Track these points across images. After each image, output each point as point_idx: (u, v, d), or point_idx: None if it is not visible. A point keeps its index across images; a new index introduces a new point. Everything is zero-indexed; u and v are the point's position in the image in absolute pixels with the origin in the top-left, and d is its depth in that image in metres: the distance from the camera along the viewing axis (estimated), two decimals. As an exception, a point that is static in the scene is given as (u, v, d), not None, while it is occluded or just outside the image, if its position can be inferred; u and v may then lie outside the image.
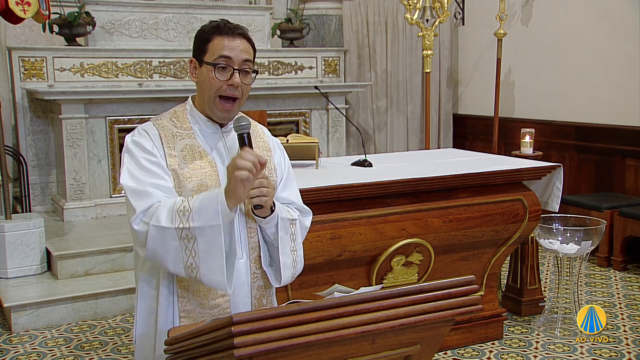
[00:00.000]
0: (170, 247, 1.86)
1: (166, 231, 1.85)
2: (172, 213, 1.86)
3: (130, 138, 2.01)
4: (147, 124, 2.05)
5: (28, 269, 4.57)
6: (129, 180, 1.93)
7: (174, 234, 1.85)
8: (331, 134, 6.70)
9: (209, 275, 1.87)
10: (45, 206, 5.82)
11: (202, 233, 1.84)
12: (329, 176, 3.40)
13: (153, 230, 1.85)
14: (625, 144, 5.43)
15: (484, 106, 6.90)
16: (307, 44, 7.17)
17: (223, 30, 1.98)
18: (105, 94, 5.54)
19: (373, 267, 3.35)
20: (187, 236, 1.85)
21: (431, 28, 5.85)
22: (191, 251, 1.86)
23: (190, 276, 1.89)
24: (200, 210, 1.84)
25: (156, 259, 1.90)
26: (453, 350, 3.71)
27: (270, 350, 1.40)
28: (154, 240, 1.86)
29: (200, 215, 1.84)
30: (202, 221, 1.84)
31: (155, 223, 1.85)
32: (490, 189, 3.61)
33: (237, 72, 1.97)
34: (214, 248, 1.85)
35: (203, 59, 1.99)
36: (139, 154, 1.96)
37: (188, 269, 1.87)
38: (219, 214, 1.83)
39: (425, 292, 1.59)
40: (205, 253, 1.85)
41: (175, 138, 2.00)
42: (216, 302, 2.01)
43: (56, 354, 3.80)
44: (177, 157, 1.97)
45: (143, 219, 1.88)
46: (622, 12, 5.45)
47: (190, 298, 1.99)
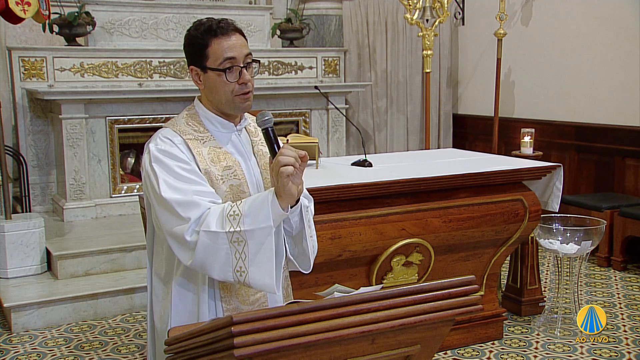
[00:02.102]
0: (220, 252, 1.84)
1: (217, 236, 1.83)
2: (222, 218, 1.85)
3: (155, 147, 1.96)
4: (167, 131, 2.01)
5: (28, 269, 4.57)
6: (170, 192, 1.88)
7: (224, 238, 1.83)
8: (331, 134, 6.70)
9: (257, 278, 1.86)
10: (45, 206, 5.82)
11: (253, 236, 1.83)
12: (329, 176, 3.40)
13: (204, 236, 1.83)
14: (625, 144, 5.43)
15: (484, 106, 6.90)
16: (307, 44, 7.17)
17: (217, 32, 1.96)
18: (105, 94, 5.54)
19: (373, 267, 3.35)
20: (237, 239, 1.84)
21: (431, 28, 5.85)
22: (241, 254, 1.85)
23: (238, 280, 1.87)
24: (250, 213, 1.84)
25: (204, 265, 1.87)
26: (453, 350, 3.71)
27: (270, 350, 1.40)
28: (204, 247, 1.84)
29: (251, 218, 1.83)
30: (253, 224, 1.83)
31: (205, 229, 1.84)
32: (490, 189, 3.61)
33: (243, 69, 1.98)
34: (264, 250, 1.85)
35: (206, 65, 1.97)
36: (172, 162, 1.93)
37: (237, 272, 1.86)
38: (269, 215, 1.83)
39: (425, 292, 1.59)
40: (255, 256, 1.85)
41: (199, 141, 2.00)
42: (256, 297, 2.05)
43: (56, 354, 3.80)
44: (206, 159, 1.97)
45: (195, 228, 1.86)
46: (622, 12, 5.45)
47: (232, 297, 2.01)
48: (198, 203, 1.87)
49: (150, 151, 1.96)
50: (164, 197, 1.88)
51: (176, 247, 1.90)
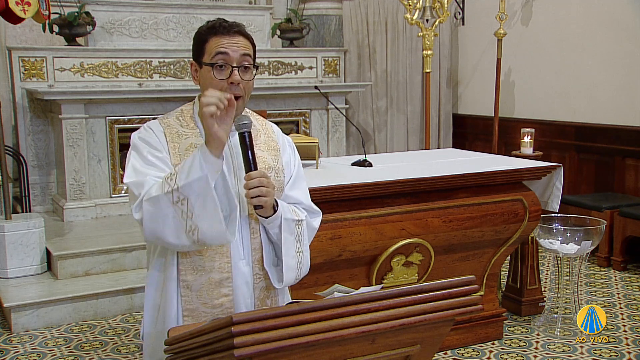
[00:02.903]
0: (167, 217, 1.83)
1: (158, 200, 1.82)
2: (161, 183, 1.85)
3: (137, 135, 2.01)
4: (153, 122, 2.05)
5: (28, 269, 4.57)
6: (131, 177, 1.91)
7: (165, 200, 1.82)
8: (331, 134, 6.70)
9: (208, 230, 1.83)
10: (45, 206, 5.82)
11: (191, 189, 1.80)
12: (329, 176, 3.40)
13: (147, 205, 1.84)
14: (625, 144, 5.43)
15: (484, 106, 6.90)
16: (307, 44, 7.17)
17: (219, 30, 1.96)
18: (105, 94, 5.54)
19: (373, 267, 3.35)
20: (178, 198, 1.81)
21: (431, 28, 5.85)
22: (187, 213, 1.82)
23: (193, 241, 1.85)
24: (183, 169, 1.83)
25: (156, 234, 1.86)
26: (453, 350, 3.71)
27: (270, 350, 1.40)
28: (149, 215, 1.84)
29: (184, 173, 1.81)
30: (188, 178, 1.81)
31: (147, 197, 1.84)
32: (490, 189, 3.61)
33: (236, 69, 1.94)
34: (206, 201, 1.82)
35: (202, 60, 1.98)
36: (145, 148, 1.96)
37: (189, 233, 1.84)
38: (202, 165, 1.80)
39: (425, 292, 1.59)
40: (200, 210, 1.82)
41: (180, 137, 1.99)
42: (219, 301, 1.99)
43: (56, 354, 3.80)
44: (182, 155, 1.96)
45: (141, 204, 1.87)
46: (622, 12, 5.45)
47: (194, 297, 1.98)
48: (149, 182, 1.88)
49: (131, 139, 2.01)
50: (125, 182, 1.93)
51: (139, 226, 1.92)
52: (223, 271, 1.98)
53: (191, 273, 1.97)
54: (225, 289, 1.99)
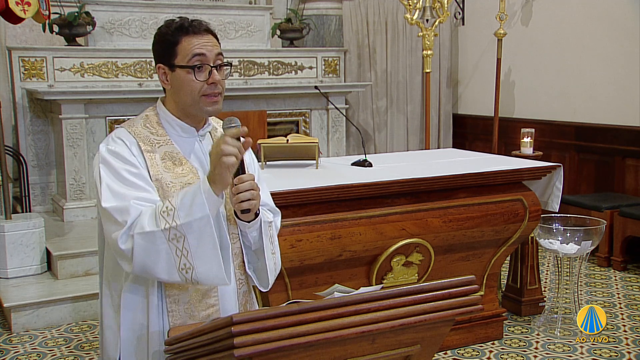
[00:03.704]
0: (160, 253, 1.75)
1: (153, 235, 1.74)
2: (155, 216, 1.76)
3: (105, 147, 1.87)
4: (121, 131, 1.92)
5: (28, 269, 4.57)
6: (110, 201, 1.79)
7: (161, 236, 1.74)
8: (331, 134, 6.70)
9: (205, 272, 1.78)
10: (45, 206, 5.82)
11: (190, 229, 1.74)
12: (329, 176, 3.40)
13: (139, 239, 1.74)
14: (625, 144, 5.43)
15: (484, 106, 6.90)
16: (307, 44, 7.17)
17: (189, 30, 1.90)
18: (105, 94, 5.53)
19: (373, 267, 3.35)
20: (175, 236, 1.75)
21: (431, 28, 5.84)
22: (182, 251, 1.76)
23: (186, 279, 1.79)
24: (184, 205, 1.75)
25: (146, 269, 1.78)
26: (453, 350, 3.71)
27: (270, 350, 1.40)
28: (141, 249, 1.74)
29: (185, 211, 1.74)
30: (189, 216, 1.74)
31: (139, 231, 1.74)
32: (490, 189, 3.61)
33: (214, 69, 1.90)
34: (205, 242, 1.76)
35: (174, 62, 1.90)
36: (118, 165, 1.84)
37: (182, 271, 1.77)
38: (205, 204, 1.74)
39: (425, 292, 1.59)
40: (197, 249, 1.76)
41: (153, 145, 1.91)
42: (207, 312, 1.95)
43: (56, 354, 3.80)
44: (160, 166, 1.89)
45: (129, 233, 1.76)
46: (622, 12, 5.45)
47: (181, 312, 1.92)
48: (134, 208, 1.78)
49: (100, 152, 1.88)
50: (104, 206, 1.79)
51: (116, 255, 1.82)
52: None
53: (177, 287, 1.91)
54: (211, 299, 1.95)
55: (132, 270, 1.80)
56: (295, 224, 3.06)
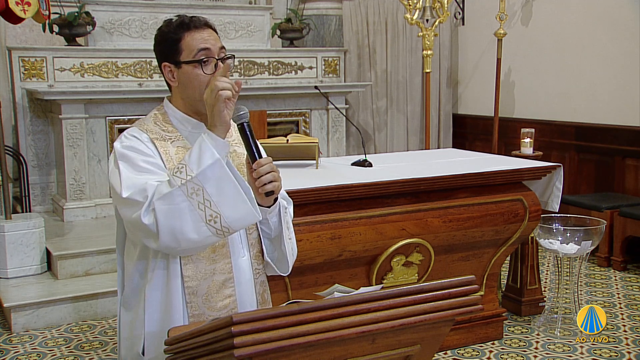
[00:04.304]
0: (183, 212, 1.75)
1: (171, 195, 1.74)
2: (167, 181, 1.79)
3: (120, 145, 1.91)
4: (133, 130, 1.96)
5: (28, 269, 4.57)
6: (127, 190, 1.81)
7: (179, 194, 1.74)
8: (331, 134, 6.70)
9: (233, 214, 1.77)
10: (45, 206, 5.82)
11: (205, 177, 1.75)
12: (329, 176, 3.40)
13: (159, 204, 1.75)
14: (625, 144, 5.43)
15: (484, 106, 6.90)
16: (307, 44, 7.17)
17: (190, 26, 1.95)
18: (105, 94, 5.53)
19: (373, 267, 3.35)
20: (193, 189, 1.75)
21: (431, 28, 5.84)
22: (204, 203, 1.75)
23: (216, 230, 1.78)
24: (192, 158, 1.77)
25: (174, 235, 1.76)
26: (453, 350, 3.71)
27: (270, 350, 1.40)
28: (163, 215, 1.74)
29: (196, 162, 1.76)
30: (200, 165, 1.76)
31: (158, 197, 1.76)
32: (490, 189, 3.61)
33: (219, 62, 1.95)
34: (224, 186, 1.77)
35: (180, 59, 1.94)
36: (136, 155, 1.88)
37: (210, 222, 1.76)
38: (212, 150, 1.77)
39: (425, 292, 1.59)
40: (218, 196, 1.76)
41: (166, 141, 1.95)
42: (224, 303, 1.98)
43: (56, 354, 3.80)
44: (174, 159, 1.92)
45: (148, 207, 1.77)
46: (622, 12, 5.45)
47: (200, 302, 1.95)
48: (151, 185, 1.80)
49: (115, 149, 1.91)
50: (124, 197, 1.81)
51: (142, 235, 1.83)
52: (225, 272, 1.98)
53: (195, 279, 1.94)
54: (228, 289, 1.98)
55: (161, 243, 1.78)
56: (295, 224, 3.02)
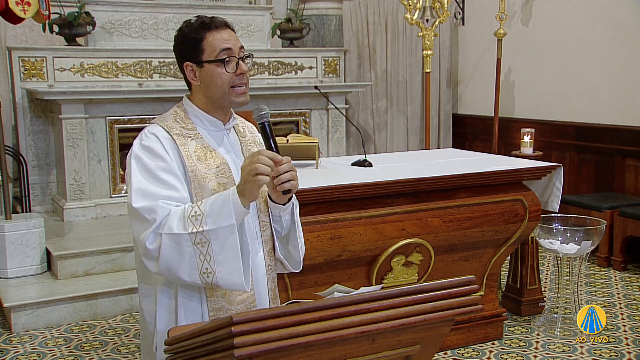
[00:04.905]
0: (184, 255, 1.83)
1: (180, 238, 1.82)
2: (183, 219, 1.83)
3: (139, 143, 1.96)
4: (154, 127, 2.00)
5: (28, 269, 4.57)
6: (139, 201, 1.86)
7: (187, 239, 1.82)
8: (331, 134, 6.70)
9: (226, 277, 1.85)
10: (45, 206, 5.82)
11: (216, 235, 1.82)
12: (329, 176, 3.40)
13: (166, 239, 1.82)
14: (625, 144, 5.43)
15: (484, 106, 6.90)
16: (307, 44, 7.17)
17: (211, 26, 2.00)
18: (105, 94, 5.54)
19: (373, 267, 3.35)
20: (200, 240, 1.83)
21: (431, 28, 5.84)
22: (205, 256, 1.83)
23: (206, 282, 1.86)
24: (212, 212, 1.83)
25: (170, 270, 1.86)
26: (453, 350, 3.71)
27: (270, 350, 1.40)
28: (167, 249, 1.83)
29: (213, 218, 1.83)
30: (215, 223, 1.82)
31: (167, 231, 1.82)
32: (490, 189, 3.61)
33: (240, 61, 1.99)
34: (228, 249, 1.84)
35: (202, 59, 1.98)
36: (150, 161, 1.91)
37: (203, 274, 1.85)
38: (232, 214, 1.83)
39: (425, 292, 1.59)
40: (219, 255, 1.84)
41: (186, 138, 1.98)
42: (243, 297, 2.02)
43: (56, 354, 3.80)
44: (193, 157, 1.96)
45: (157, 231, 1.84)
46: (622, 12, 5.45)
47: (219, 298, 1.99)
48: (162, 207, 1.85)
49: (133, 148, 1.96)
50: (134, 207, 1.86)
51: (142, 254, 1.88)
52: None
53: None
54: None
55: (157, 270, 1.88)
56: (295, 224, 3.05)
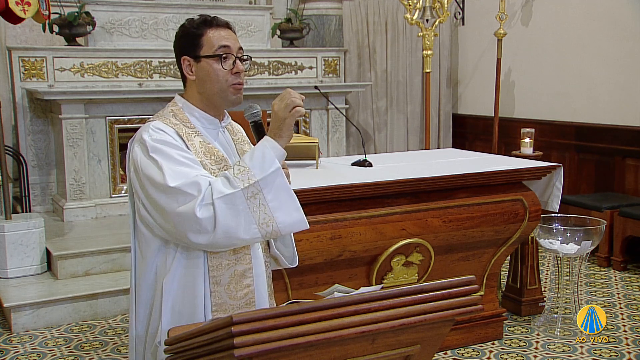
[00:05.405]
0: (240, 212, 1.83)
1: (234, 196, 1.82)
2: (229, 180, 1.85)
3: (150, 138, 1.92)
4: (157, 123, 1.98)
5: (28, 269, 4.57)
6: (175, 179, 1.84)
7: (241, 196, 1.83)
8: (331, 134, 6.70)
9: (287, 219, 1.88)
10: (45, 206, 5.82)
11: (266, 183, 1.85)
12: (329, 176, 3.40)
13: (220, 203, 1.81)
14: (625, 144, 5.43)
15: (484, 106, 6.90)
16: (307, 44, 7.17)
17: (213, 23, 2.02)
18: (105, 94, 5.54)
19: (373, 267, 3.35)
20: (253, 193, 1.84)
21: (431, 28, 5.84)
22: (259, 207, 1.85)
23: (266, 233, 1.87)
24: (255, 164, 1.86)
25: (228, 233, 1.84)
26: (453, 350, 3.71)
27: (270, 350, 1.40)
28: (223, 213, 1.82)
29: (258, 168, 1.85)
30: (262, 172, 1.85)
31: (219, 195, 1.82)
32: (490, 189, 3.61)
33: (237, 60, 2.00)
34: (281, 192, 1.87)
35: (200, 54, 1.99)
36: (171, 150, 1.90)
37: (262, 225, 1.86)
38: (274, 158, 1.87)
39: (425, 292, 1.59)
40: (273, 202, 1.86)
41: (189, 135, 1.99)
42: (243, 292, 2.02)
43: (56, 354, 3.80)
44: (200, 152, 1.97)
45: (205, 202, 1.82)
46: (622, 12, 5.45)
47: (222, 292, 1.99)
48: (203, 179, 1.86)
49: (145, 142, 1.92)
50: (171, 185, 1.84)
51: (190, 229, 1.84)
52: (245, 262, 2.02)
53: (219, 268, 1.98)
54: (247, 279, 2.03)
55: (212, 240, 1.85)
56: (295, 224, 3.05)
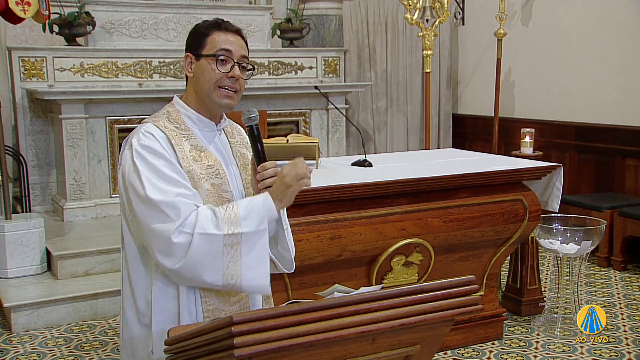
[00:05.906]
0: (214, 256, 1.81)
1: (213, 238, 1.81)
2: (218, 220, 1.83)
3: (138, 142, 1.90)
4: (149, 126, 1.96)
5: (28, 269, 4.57)
6: (154, 192, 1.82)
7: (221, 240, 1.81)
8: (331, 134, 6.70)
9: (252, 282, 1.86)
10: (45, 206, 5.82)
11: (249, 238, 1.84)
12: (329, 176, 3.40)
13: (199, 239, 1.80)
14: (625, 144, 5.43)
15: (484, 106, 6.90)
16: (307, 44, 7.17)
17: (221, 26, 2.01)
18: (105, 94, 5.54)
19: (373, 267, 3.35)
20: (232, 242, 1.82)
21: (431, 28, 5.84)
22: (232, 258, 1.83)
23: (228, 284, 1.85)
24: (247, 216, 1.84)
25: (194, 269, 1.82)
26: (453, 350, 3.71)
27: (270, 350, 1.40)
28: (199, 249, 1.80)
29: (248, 221, 1.84)
30: (250, 227, 1.84)
31: (200, 231, 1.80)
32: (490, 189, 3.61)
33: (236, 65, 1.98)
34: (257, 252, 1.85)
35: (201, 52, 1.99)
36: (155, 160, 1.88)
37: (226, 276, 1.84)
38: (265, 218, 1.86)
39: (425, 292, 1.59)
40: (246, 257, 1.84)
41: (181, 139, 1.96)
42: (237, 297, 2.01)
43: (56, 354, 3.80)
44: (189, 158, 1.94)
45: (183, 229, 1.80)
46: (622, 12, 5.45)
47: (213, 297, 1.97)
48: (184, 203, 1.83)
49: (132, 146, 1.90)
50: (150, 196, 1.82)
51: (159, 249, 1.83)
52: None
53: None
54: None
55: (176, 267, 1.82)
56: (295, 224, 3.04)
